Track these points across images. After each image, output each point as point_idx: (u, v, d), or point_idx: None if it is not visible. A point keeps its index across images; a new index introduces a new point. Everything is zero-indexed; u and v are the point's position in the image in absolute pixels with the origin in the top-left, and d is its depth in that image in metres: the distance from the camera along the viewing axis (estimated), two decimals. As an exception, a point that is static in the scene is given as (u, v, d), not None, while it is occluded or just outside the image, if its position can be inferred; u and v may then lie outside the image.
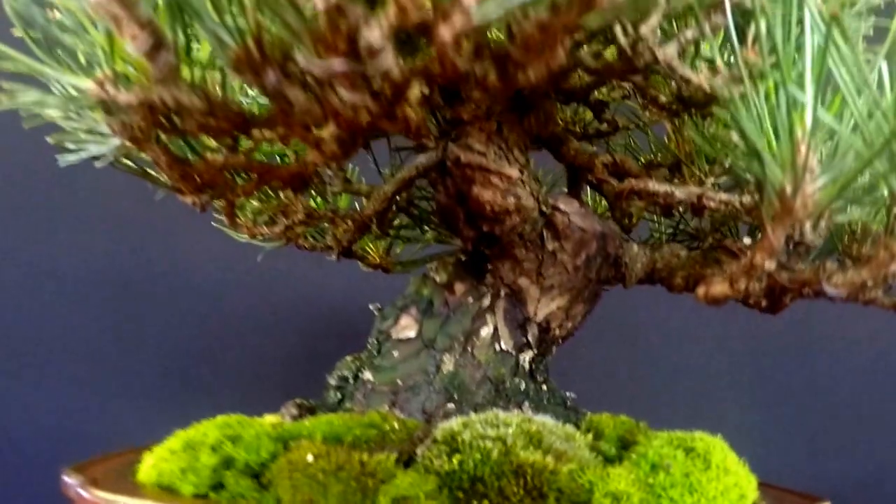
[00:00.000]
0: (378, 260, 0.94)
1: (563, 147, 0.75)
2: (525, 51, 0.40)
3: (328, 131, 0.47)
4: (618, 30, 0.54)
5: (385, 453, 0.55)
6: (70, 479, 0.60)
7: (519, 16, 0.38)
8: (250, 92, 0.65)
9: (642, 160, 0.82)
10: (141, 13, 0.41)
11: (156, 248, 1.32)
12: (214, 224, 0.85)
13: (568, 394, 0.74)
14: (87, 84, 0.51)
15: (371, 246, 0.93)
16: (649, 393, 1.33)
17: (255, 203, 0.84)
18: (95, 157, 0.64)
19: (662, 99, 0.69)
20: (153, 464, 0.59)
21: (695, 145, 0.71)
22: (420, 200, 0.90)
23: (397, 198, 0.83)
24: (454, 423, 0.58)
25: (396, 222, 0.92)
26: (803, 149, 0.48)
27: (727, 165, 0.70)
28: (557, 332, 0.72)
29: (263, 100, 0.65)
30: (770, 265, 0.53)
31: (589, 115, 0.82)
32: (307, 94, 0.45)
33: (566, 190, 0.83)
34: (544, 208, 0.68)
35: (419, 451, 0.56)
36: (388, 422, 0.62)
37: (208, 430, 0.58)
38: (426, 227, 0.93)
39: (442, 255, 0.94)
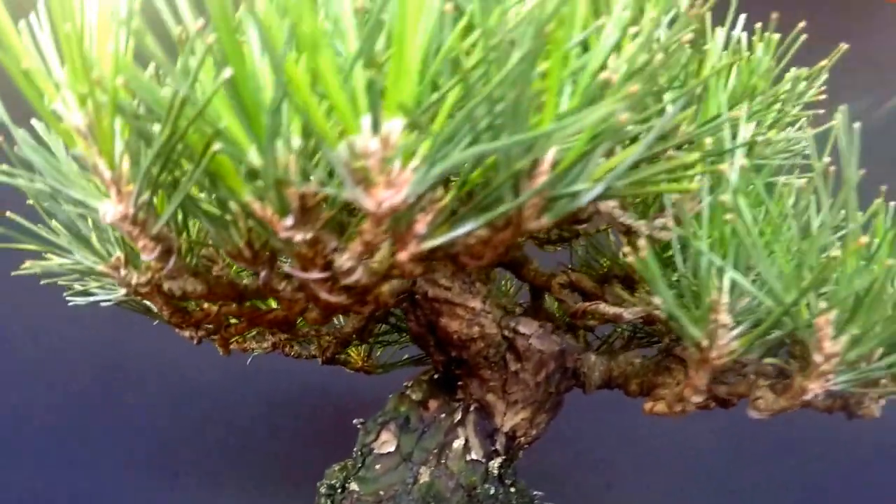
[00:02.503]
0: (360, 364, 1.02)
1: (523, 269, 0.83)
2: (471, 256, 0.48)
3: (311, 309, 0.55)
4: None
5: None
6: None
7: (462, 238, 0.46)
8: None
9: (599, 270, 0.89)
10: (153, 231, 0.49)
11: (145, 345, 1.38)
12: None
13: (535, 492, 0.82)
14: (101, 266, 0.59)
15: (353, 351, 1.01)
16: (615, 489, 1.36)
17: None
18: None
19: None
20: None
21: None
22: (395, 308, 0.97)
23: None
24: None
25: (375, 330, 0.99)
26: (720, 309, 0.56)
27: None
28: (523, 439, 0.80)
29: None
30: (696, 399, 0.61)
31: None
32: (292, 284, 0.53)
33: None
34: (507, 333, 0.76)
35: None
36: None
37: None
38: (403, 332, 1.01)
39: (419, 358, 1.02)
